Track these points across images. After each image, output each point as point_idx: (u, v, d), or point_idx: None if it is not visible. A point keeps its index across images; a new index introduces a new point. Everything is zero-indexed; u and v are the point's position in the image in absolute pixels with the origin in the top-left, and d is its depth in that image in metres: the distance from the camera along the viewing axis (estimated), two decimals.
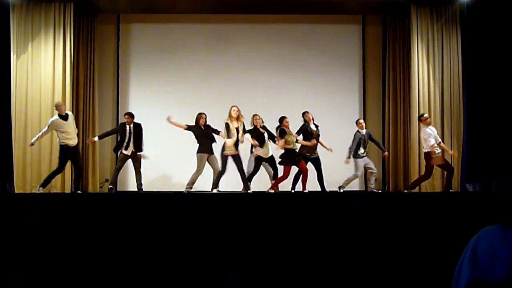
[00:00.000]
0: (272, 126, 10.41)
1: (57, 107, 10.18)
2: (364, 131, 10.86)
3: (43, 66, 11.51)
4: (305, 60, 12.63)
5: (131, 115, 10.70)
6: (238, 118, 10.19)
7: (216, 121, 10.52)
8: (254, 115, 10.40)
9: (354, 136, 10.76)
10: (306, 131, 10.42)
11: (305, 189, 10.00)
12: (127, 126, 10.55)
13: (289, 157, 10.06)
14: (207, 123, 10.43)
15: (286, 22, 12.63)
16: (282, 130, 10.13)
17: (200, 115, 10.40)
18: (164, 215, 7.57)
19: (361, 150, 10.71)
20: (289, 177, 10.13)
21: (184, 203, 7.87)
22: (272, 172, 10.39)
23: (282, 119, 10.29)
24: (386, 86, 12.46)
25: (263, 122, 10.43)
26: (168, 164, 11.87)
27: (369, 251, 7.54)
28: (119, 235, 7.38)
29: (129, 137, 10.46)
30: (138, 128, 10.60)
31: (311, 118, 10.54)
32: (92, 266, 6.78)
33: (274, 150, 10.35)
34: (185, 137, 10.65)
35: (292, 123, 10.44)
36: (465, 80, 11.21)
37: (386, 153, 11.44)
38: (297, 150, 10.25)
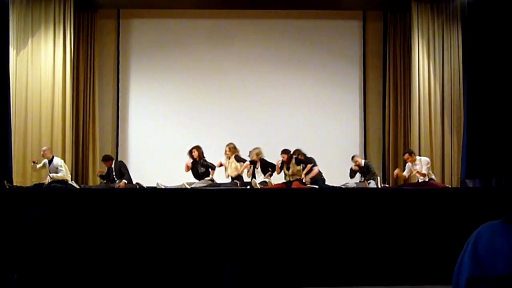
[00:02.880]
0: (271, 124, 10.39)
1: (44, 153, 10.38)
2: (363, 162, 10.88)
3: (43, 61, 11.50)
4: (306, 55, 12.60)
5: (105, 159, 10.79)
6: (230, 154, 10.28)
7: (216, 117, 10.51)
8: (254, 149, 10.40)
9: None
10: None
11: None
12: (108, 169, 10.67)
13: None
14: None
15: (287, 18, 12.60)
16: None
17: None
18: (164, 209, 7.57)
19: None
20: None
21: (184, 198, 7.87)
22: None
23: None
24: (386, 82, 12.44)
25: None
26: (167, 159, 11.85)
27: (369, 247, 7.54)
28: (119, 229, 7.38)
29: (113, 179, 10.52)
30: (117, 167, 10.61)
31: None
32: (92, 261, 6.78)
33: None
34: (184, 132, 10.65)
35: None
36: (465, 76, 11.18)
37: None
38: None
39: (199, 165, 10.30)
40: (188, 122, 12.20)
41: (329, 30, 12.75)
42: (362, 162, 10.84)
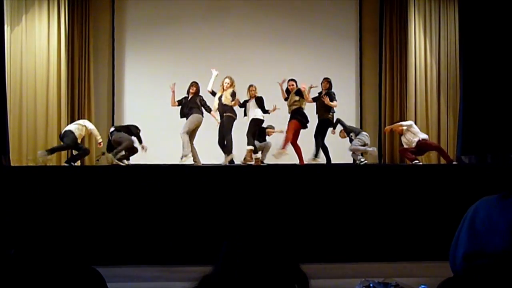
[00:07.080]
0: (268, 98, 10.38)
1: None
2: None
3: (38, 39, 11.42)
4: (302, 32, 12.56)
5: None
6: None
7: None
8: (250, 85, 10.34)
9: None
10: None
11: (302, 163, 10.00)
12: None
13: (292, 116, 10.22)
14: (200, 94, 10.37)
15: None
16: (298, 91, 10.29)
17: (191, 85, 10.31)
18: (159, 187, 7.58)
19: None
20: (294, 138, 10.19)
21: (180, 175, 7.87)
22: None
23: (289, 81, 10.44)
24: (382, 58, 12.42)
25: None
26: (162, 135, 11.80)
27: (366, 223, 7.58)
28: (114, 207, 7.39)
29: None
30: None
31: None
32: (88, 237, 6.81)
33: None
34: (180, 109, 10.61)
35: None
36: (461, 52, 11.16)
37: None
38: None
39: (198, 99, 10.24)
40: None
41: (326, 6, 12.69)
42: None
